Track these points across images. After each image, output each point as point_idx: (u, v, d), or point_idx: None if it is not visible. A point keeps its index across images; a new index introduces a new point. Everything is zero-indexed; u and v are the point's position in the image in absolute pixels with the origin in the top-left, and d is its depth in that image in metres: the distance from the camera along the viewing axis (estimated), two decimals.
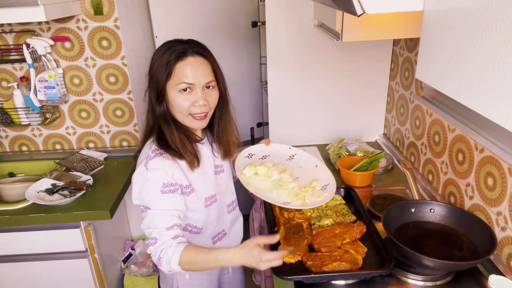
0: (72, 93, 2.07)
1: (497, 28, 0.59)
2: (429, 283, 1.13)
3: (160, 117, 1.14)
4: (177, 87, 1.10)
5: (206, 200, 1.24)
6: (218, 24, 2.56)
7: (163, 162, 1.11)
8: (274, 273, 1.10)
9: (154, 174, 1.09)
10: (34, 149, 2.20)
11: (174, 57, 1.09)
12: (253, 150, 1.38)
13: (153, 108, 1.15)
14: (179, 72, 1.09)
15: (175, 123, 1.16)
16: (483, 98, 0.64)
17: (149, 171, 1.09)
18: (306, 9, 1.86)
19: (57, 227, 1.69)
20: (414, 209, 1.32)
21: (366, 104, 2.09)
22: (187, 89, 1.10)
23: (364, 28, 1.30)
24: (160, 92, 1.12)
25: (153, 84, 1.13)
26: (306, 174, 1.33)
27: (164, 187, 1.09)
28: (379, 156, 1.70)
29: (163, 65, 1.10)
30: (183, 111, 1.12)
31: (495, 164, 1.20)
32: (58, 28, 1.93)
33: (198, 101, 1.11)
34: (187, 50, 1.10)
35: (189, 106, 1.11)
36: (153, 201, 1.09)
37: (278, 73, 2.00)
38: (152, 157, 1.11)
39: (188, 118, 1.13)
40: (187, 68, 1.09)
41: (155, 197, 1.09)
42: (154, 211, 1.08)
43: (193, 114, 1.13)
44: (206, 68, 1.12)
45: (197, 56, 1.11)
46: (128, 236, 2.39)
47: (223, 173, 1.31)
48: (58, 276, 1.79)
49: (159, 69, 1.10)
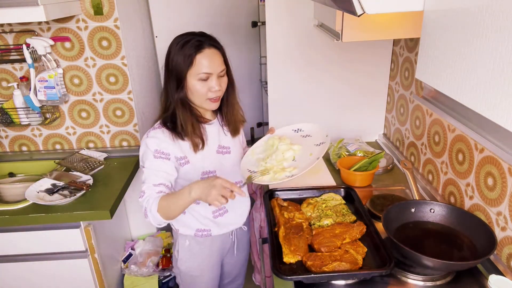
0: (72, 93, 2.07)
1: (496, 28, 0.59)
2: (429, 283, 1.13)
3: (178, 102, 1.29)
4: (197, 76, 1.25)
5: (203, 174, 1.37)
6: (218, 24, 2.56)
7: (161, 134, 1.30)
8: (274, 273, 1.10)
9: (151, 141, 1.29)
10: (34, 149, 2.20)
11: (194, 49, 1.23)
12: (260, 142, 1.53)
13: (171, 94, 1.30)
14: (199, 63, 1.24)
15: (190, 108, 1.33)
16: (483, 98, 0.64)
17: (148, 138, 1.30)
18: (306, 9, 1.86)
19: (57, 227, 1.69)
20: (414, 209, 1.32)
21: (366, 104, 2.09)
22: (206, 78, 1.26)
23: (364, 28, 1.30)
24: (180, 80, 1.27)
25: (173, 74, 1.27)
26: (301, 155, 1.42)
27: (156, 153, 1.28)
28: (379, 156, 1.70)
29: (184, 56, 1.24)
30: (202, 96, 1.28)
31: (495, 164, 1.20)
32: (58, 28, 1.93)
33: (215, 87, 1.27)
34: (204, 42, 1.25)
35: (207, 92, 1.27)
36: (147, 162, 1.28)
37: (278, 73, 2.00)
38: (154, 128, 1.32)
39: (206, 102, 1.30)
40: (206, 59, 1.24)
41: (149, 159, 1.28)
42: (147, 170, 1.28)
43: (210, 98, 1.29)
44: (219, 58, 1.28)
45: (212, 48, 1.26)
46: (128, 236, 2.39)
47: (228, 154, 1.43)
48: (58, 276, 1.79)
49: (180, 61, 1.25)
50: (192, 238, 1.45)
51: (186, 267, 1.49)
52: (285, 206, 1.43)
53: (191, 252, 1.47)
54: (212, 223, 1.44)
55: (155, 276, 2.17)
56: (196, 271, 1.50)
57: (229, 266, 1.63)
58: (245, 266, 1.70)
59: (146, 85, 2.30)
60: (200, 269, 1.50)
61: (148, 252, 2.25)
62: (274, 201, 1.47)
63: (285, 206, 1.43)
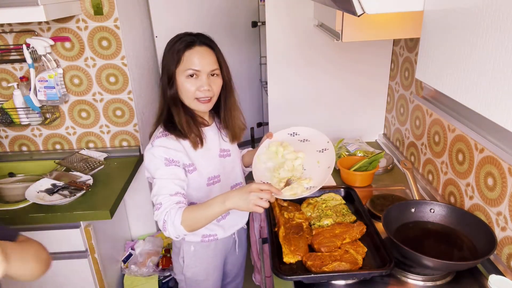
0: (72, 93, 2.07)
1: (497, 28, 0.59)
2: (429, 283, 1.13)
3: (170, 100, 1.27)
4: (185, 73, 1.23)
5: (209, 179, 1.35)
6: (218, 24, 2.56)
7: (167, 141, 1.25)
8: (274, 273, 1.10)
9: (158, 150, 1.23)
10: (34, 149, 2.20)
11: (183, 46, 1.22)
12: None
13: (164, 92, 1.28)
14: (187, 59, 1.22)
15: (183, 107, 1.29)
16: (483, 98, 0.64)
17: (154, 148, 1.24)
18: (306, 9, 1.86)
19: (57, 227, 1.69)
20: (414, 209, 1.32)
21: (366, 104, 2.09)
22: (194, 75, 1.23)
23: (364, 28, 1.30)
24: (170, 77, 1.25)
25: (165, 70, 1.26)
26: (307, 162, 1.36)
27: (167, 161, 1.23)
28: (379, 156, 1.70)
29: (173, 53, 1.23)
30: (190, 95, 1.25)
31: (495, 164, 1.20)
32: (58, 28, 1.93)
33: (203, 86, 1.23)
34: (195, 40, 1.24)
35: (195, 90, 1.24)
36: (158, 171, 1.22)
37: (278, 73, 1.99)
38: (158, 137, 1.26)
39: (194, 102, 1.27)
40: (195, 56, 1.22)
41: (159, 169, 1.22)
42: (159, 180, 1.21)
43: (199, 98, 1.26)
44: (211, 57, 1.25)
45: (204, 46, 1.24)
46: (128, 236, 2.39)
47: (229, 157, 1.42)
48: (58, 276, 1.79)
49: (170, 57, 1.24)
50: (197, 244, 1.43)
51: (192, 273, 1.46)
52: (285, 206, 1.43)
53: (196, 257, 1.44)
54: (217, 227, 1.42)
55: (155, 276, 2.17)
56: (202, 275, 1.47)
57: (230, 265, 1.63)
58: (244, 264, 1.71)
59: (146, 85, 2.30)
60: (206, 273, 1.48)
61: (148, 252, 2.25)
62: (274, 201, 1.47)
63: (285, 206, 1.43)
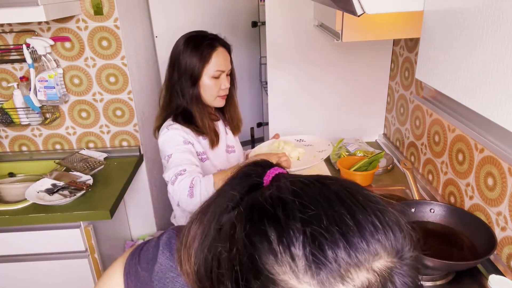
0: (72, 93, 2.07)
1: (497, 28, 0.59)
2: (429, 283, 1.13)
3: (191, 99, 1.33)
4: (213, 73, 1.32)
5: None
6: (218, 24, 2.56)
7: (181, 128, 1.32)
8: None
9: (175, 132, 1.29)
10: (34, 149, 2.20)
11: (210, 48, 1.30)
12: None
13: (183, 91, 1.33)
14: (215, 60, 1.31)
15: (204, 105, 1.37)
16: (483, 98, 0.64)
17: (171, 130, 1.30)
18: (306, 9, 1.86)
19: (57, 227, 1.69)
20: (414, 209, 1.32)
21: (366, 104, 2.09)
22: (219, 75, 1.33)
23: (364, 28, 1.30)
24: (196, 77, 1.31)
25: (187, 72, 1.31)
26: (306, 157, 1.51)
27: (185, 140, 1.28)
28: (379, 156, 1.70)
29: (201, 53, 1.29)
30: (214, 93, 1.35)
31: (495, 164, 1.20)
32: (58, 28, 1.93)
33: (226, 84, 1.35)
34: (216, 41, 1.33)
35: (218, 89, 1.35)
36: (178, 147, 1.26)
37: (278, 73, 1.99)
38: (170, 124, 1.33)
39: (217, 99, 1.37)
40: (221, 57, 1.32)
41: (179, 145, 1.26)
42: (179, 153, 1.24)
43: (221, 95, 1.36)
44: (228, 57, 1.37)
45: (223, 47, 1.35)
46: (128, 236, 2.39)
47: (234, 153, 1.50)
48: (58, 276, 1.79)
49: (195, 59, 1.30)
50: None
51: None
52: None
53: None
54: None
55: None
56: None
57: None
58: None
59: (146, 85, 2.30)
60: None
61: None
62: None
63: None
